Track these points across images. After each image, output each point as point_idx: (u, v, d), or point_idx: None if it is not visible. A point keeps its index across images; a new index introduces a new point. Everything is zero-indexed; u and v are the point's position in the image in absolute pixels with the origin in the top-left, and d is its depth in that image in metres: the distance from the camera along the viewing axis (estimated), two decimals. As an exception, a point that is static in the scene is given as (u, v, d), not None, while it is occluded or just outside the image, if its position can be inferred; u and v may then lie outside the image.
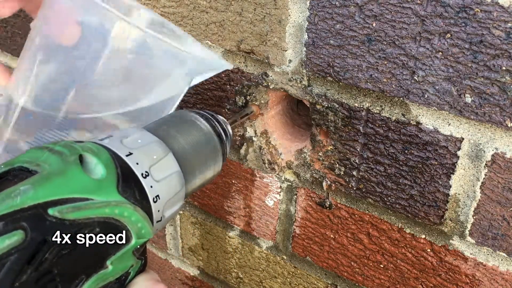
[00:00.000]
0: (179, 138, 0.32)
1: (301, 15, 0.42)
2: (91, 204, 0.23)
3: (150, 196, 0.27)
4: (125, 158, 0.26)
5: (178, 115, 0.34)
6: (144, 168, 0.27)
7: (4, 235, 0.19)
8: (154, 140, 0.29)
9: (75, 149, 0.24)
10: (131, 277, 0.26)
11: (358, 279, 0.50)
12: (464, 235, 0.41)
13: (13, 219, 0.20)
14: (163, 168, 0.28)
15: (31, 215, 0.20)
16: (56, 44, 0.33)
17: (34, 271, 0.20)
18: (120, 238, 0.24)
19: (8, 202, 0.20)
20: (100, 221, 0.23)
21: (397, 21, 0.37)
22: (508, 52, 0.33)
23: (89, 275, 0.23)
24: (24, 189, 0.21)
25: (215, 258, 0.64)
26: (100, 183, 0.24)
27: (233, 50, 0.48)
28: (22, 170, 0.23)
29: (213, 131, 0.35)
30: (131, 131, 0.29)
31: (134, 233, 0.25)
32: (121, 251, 0.24)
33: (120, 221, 0.24)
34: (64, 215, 0.21)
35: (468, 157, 0.38)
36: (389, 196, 0.43)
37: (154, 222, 0.27)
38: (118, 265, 0.24)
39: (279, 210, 0.53)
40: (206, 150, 0.33)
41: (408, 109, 0.39)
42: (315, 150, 0.47)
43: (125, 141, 0.28)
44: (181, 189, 0.30)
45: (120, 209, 0.24)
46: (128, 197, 0.25)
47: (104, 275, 0.23)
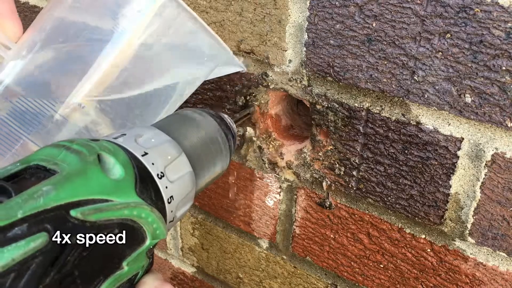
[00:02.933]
0: (189, 137, 0.31)
1: (301, 15, 0.42)
2: (112, 206, 0.23)
3: (165, 197, 0.27)
4: (141, 158, 0.26)
5: (185, 113, 0.34)
6: (160, 168, 0.27)
7: (29, 238, 0.19)
8: (167, 140, 0.29)
9: (93, 148, 0.24)
10: (139, 276, 0.26)
11: (358, 279, 0.50)
12: (464, 235, 0.41)
13: (37, 221, 0.19)
14: (177, 168, 0.28)
15: (54, 217, 0.20)
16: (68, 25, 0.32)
17: (57, 273, 0.20)
18: (136, 239, 0.24)
19: (31, 203, 0.20)
20: (119, 223, 0.23)
21: (397, 21, 0.37)
22: (508, 52, 0.33)
23: (107, 276, 0.23)
24: (47, 189, 0.21)
25: (215, 258, 0.64)
26: (119, 184, 0.24)
27: (233, 50, 0.48)
28: (39, 168, 0.22)
29: (221, 129, 0.35)
30: (143, 129, 0.29)
31: (149, 234, 0.24)
32: (137, 252, 0.24)
33: (137, 222, 0.24)
34: (86, 217, 0.21)
35: (468, 157, 0.38)
36: (389, 196, 0.43)
37: (167, 222, 0.27)
38: (133, 265, 0.24)
39: (279, 210, 0.53)
40: (214, 149, 0.33)
41: (408, 109, 0.39)
42: (315, 150, 0.47)
43: (139, 140, 0.27)
44: (192, 189, 0.30)
45: (138, 210, 0.24)
46: (145, 198, 0.25)
47: (120, 275, 0.23)
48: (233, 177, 0.56)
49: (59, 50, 0.33)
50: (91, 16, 0.32)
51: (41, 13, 0.35)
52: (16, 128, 0.31)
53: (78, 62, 0.33)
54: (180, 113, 0.34)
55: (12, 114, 0.31)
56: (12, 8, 0.33)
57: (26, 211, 0.19)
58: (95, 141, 0.25)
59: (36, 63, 0.33)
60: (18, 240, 0.19)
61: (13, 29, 0.33)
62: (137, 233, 0.24)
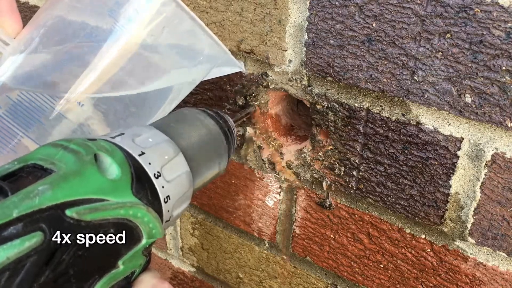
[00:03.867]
0: (187, 136, 0.32)
1: (301, 15, 0.42)
2: (107, 205, 0.23)
3: (161, 196, 0.27)
4: (138, 158, 0.26)
5: (184, 112, 0.34)
6: (156, 168, 0.27)
7: (24, 237, 0.19)
8: (165, 140, 0.29)
9: (90, 148, 0.24)
10: (136, 274, 0.26)
11: (358, 279, 0.50)
12: (464, 235, 0.41)
13: (32, 220, 0.20)
14: (174, 168, 0.28)
15: (50, 216, 0.20)
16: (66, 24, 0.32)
17: (52, 272, 0.20)
18: (132, 239, 0.24)
19: (27, 202, 0.20)
20: (115, 222, 0.23)
21: (397, 21, 0.37)
22: (508, 52, 0.33)
23: (102, 275, 0.23)
24: (43, 189, 0.21)
25: (215, 258, 0.64)
26: (115, 184, 0.24)
27: (233, 50, 0.48)
28: (36, 167, 0.23)
29: (219, 129, 0.35)
30: (141, 129, 0.29)
31: (146, 233, 0.25)
32: (132, 251, 0.24)
33: (133, 222, 0.24)
34: (81, 216, 0.21)
35: (468, 157, 0.38)
36: (389, 196, 0.43)
37: (163, 222, 0.27)
38: (128, 264, 0.24)
39: (279, 210, 0.53)
40: (213, 149, 0.34)
41: (408, 109, 0.39)
42: (315, 150, 0.47)
43: (137, 140, 0.27)
44: (189, 189, 0.30)
45: (134, 210, 0.24)
46: (141, 198, 0.25)
47: (116, 274, 0.24)
48: (233, 177, 0.56)
49: (58, 47, 0.33)
50: (90, 15, 0.32)
51: (40, 10, 0.35)
52: (13, 124, 0.31)
53: (76, 59, 0.33)
54: (179, 113, 0.34)
55: (9, 109, 0.31)
56: (12, 4, 0.33)
57: (21, 211, 0.19)
58: (92, 140, 0.25)
59: (34, 60, 0.33)
60: (13, 239, 0.19)
61: (12, 25, 0.33)
62: (133, 232, 0.24)
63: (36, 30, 0.33)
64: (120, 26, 0.31)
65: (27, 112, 0.31)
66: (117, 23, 0.31)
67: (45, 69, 0.33)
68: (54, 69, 0.33)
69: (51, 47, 0.33)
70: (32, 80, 0.32)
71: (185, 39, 0.34)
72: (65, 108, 0.32)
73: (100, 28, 0.32)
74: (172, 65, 0.36)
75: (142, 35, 0.32)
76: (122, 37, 0.32)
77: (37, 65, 0.33)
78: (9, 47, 0.33)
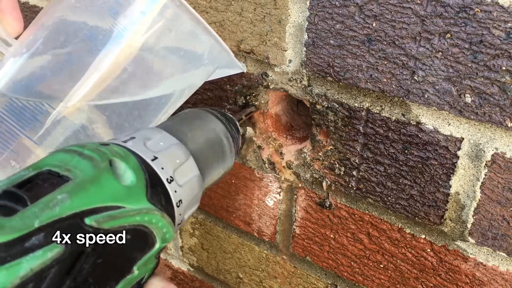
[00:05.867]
0: (196, 139, 0.32)
1: (301, 15, 0.42)
2: (124, 213, 0.23)
3: (174, 201, 0.27)
4: (151, 163, 0.26)
5: (189, 114, 0.34)
6: (169, 173, 0.27)
7: (46, 247, 0.19)
8: (175, 143, 0.29)
9: (105, 154, 0.24)
10: (146, 277, 0.26)
11: (358, 279, 0.50)
12: (464, 235, 0.41)
13: (53, 230, 0.20)
14: (185, 172, 0.28)
15: (70, 225, 0.20)
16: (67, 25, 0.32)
17: (73, 282, 0.20)
18: (147, 244, 0.24)
19: (47, 212, 0.20)
20: (131, 229, 0.23)
21: (397, 21, 0.37)
22: (508, 52, 0.33)
23: (118, 281, 0.23)
24: (62, 198, 0.21)
25: (215, 258, 0.64)
26: (131, 190, 0.24)
27: (233, 50, 0.48)
28: (51, 174, 0.22)
29: (226, 129, 0.35)
30: (151, 132, 0.29)
31: (159, 238, 0.25)
32: (147, 256, 0.24)
33: (148, 228, 0.24)
34: (100, 225, 0.21)
35: (468, 157, 0.38)
36: (389, 196, 0.43)
37: (175, 225, 0.27)
38: (142, 269, 0.24)
39: (279, 210, 0.53)
40: (220, 150, 0.34)
41: (408, 109, 0.39)
42: (315, 150, 0.47)
43: (148, 144, 0.27)
44: (199, 191, 0.30)
45: (150, 216, 0.24)
46: (156, 203, 0.25)
47: (131, 279, 0.24)
48: (233, 177, 0.56)
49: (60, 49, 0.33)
50: (92, 16, 0.32)
51: (42, 11, 0.35)
52: (14, 125, 0.31)
53: (78, 61, 0.32)
54: (186, 114, 0.34)
55: (10, 111, 0.31)
56: (14, 4, 0.33)
57: (42, 221, 0.19)
58: (105, 145, 0.25)
59: (36, 61, 0.33)
60: (35, 250, 0.19)
61: (13, 24, 0.33)
62: (148, 238, 0.24)
63: (39, 31, 0.33)
64: (123, 27, 0.31)
65: (26, 112, 0.31)
66: (119, 25, 0.31)
67: (47, 70, 0.33)
68: (56, 71, 0.33)
69: (53, 49, 0.33)
70: (34, 82, 0.32)
71: (188, 40, 0.34)
72: (66, 109, 0.32)
73: (102, 29, 0.32)
74: (175, 67, 0.36)
75: (145, 37, 0.32)
76: (124, 39, 0.31)
77: (40, 67, 0.33)
78: (11, 48, 0.33)
